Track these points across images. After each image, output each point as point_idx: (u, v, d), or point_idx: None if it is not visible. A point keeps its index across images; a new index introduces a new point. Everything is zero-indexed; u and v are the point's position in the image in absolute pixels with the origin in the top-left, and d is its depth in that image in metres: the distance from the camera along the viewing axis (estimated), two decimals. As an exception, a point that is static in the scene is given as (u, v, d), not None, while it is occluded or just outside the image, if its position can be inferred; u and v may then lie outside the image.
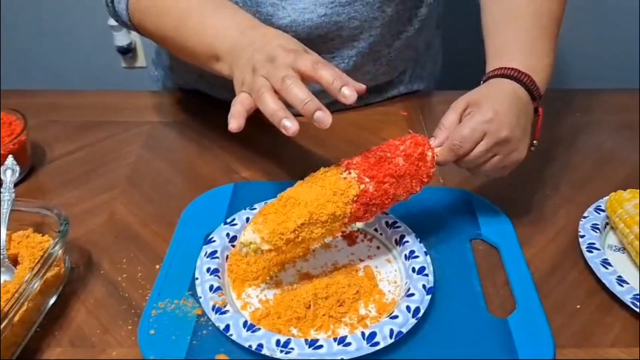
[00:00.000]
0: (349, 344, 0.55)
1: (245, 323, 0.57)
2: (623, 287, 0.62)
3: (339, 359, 0.54)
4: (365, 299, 0.62)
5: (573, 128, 0.93)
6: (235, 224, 0.69)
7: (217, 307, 0.59)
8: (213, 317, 0.58)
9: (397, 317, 0.57)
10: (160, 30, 0.78)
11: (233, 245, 0.68)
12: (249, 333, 0.56)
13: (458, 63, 1.18)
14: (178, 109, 0.97)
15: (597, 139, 0.91)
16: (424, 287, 0.61)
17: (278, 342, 0.55)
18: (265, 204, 0.60)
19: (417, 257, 0.64)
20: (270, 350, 0.54)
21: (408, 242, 0.67)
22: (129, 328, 0.60)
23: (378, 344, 0.55)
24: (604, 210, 0.72)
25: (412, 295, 0.60)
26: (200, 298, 0.60)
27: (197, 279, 0.62)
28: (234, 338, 0.56)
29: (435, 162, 0.64)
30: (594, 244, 0.67)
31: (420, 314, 0.58)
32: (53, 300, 0.62)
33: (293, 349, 0.54)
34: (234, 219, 0.70)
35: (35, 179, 0.82)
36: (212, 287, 0.61)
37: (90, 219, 0.74)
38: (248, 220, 0.69)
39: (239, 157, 0.86)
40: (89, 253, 0.69)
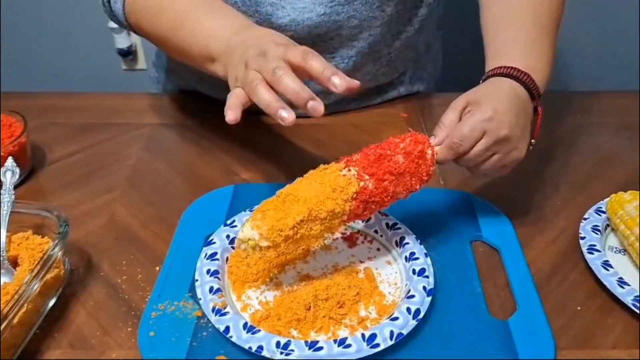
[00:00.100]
0: (349, 346, 0.55)
1: (245, 325, 0.57)
2: (624, 288, 0.62)
3: (339, 361, 0.54)
4: (366, 301, 0.61)
5: (573, 129, 0.93)
6: (236, 226, 0.69)
7: (217, 308, 0.58)
8: (213, 318, 0.58)
9: (397, 318, 0.57)
10: (157, 31, 0.78)
11: (233, 247, 0.67)
12: (249, 335, 0.56)
13: (458, 64, 1.18)
14: (178, 111, 0.97)
15: (597, 141, 0.90)
16: (425, 288, 0.61)
17: (278, 343, 0.55)
18: (264, 201, 0.59)
19: (417, 258, 0.64)
20: (270, 352, 0.54)
21: (408, 243, 0.67)
22: (129, 330, 0.60)
23: (378, 346, 0.55)
24: (605, 212, 0.71)
25: (412, 297, 0.60)
26: (200, 300, 0.60)
27: (197, 281, 0.62)
28: (234, 340, 0.56)
29: (435, 160, 0.64)
30: (595, 246, 0.67)
31: (421, 316, 0.58)
32: (53, 302, 0.62)
33: (293, 351, 0.54)
34: (234, 221, 0.70)
35: (35, 181, 0.82)
36: (212, 288, 0.61)
37: (90, 221, 0.74)
38: (248, 222, 0.69)
39: (239, 158, 0.86)
40: (89, 255, 0.69)
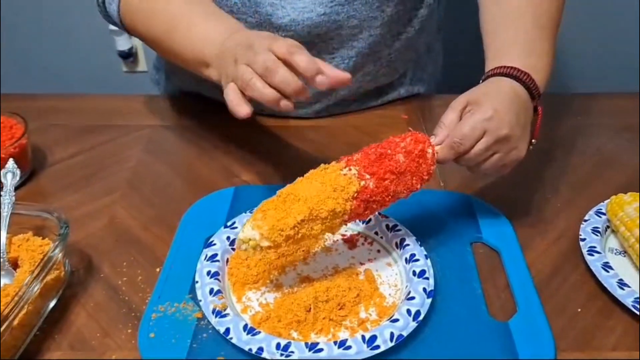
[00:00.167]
0: (350, 348, 0.55)
1: (246, 326, 0.57)
2: (624, 290, 0.62)
3: (340, 363, 0.54)
4: (366, 303, 0.61)
5: (574, 131, 0.93)
6: (236, 227, 0.69)
7: (217, 310, 0.58)
8: (213, 320, 0.58)
9: (397, 320, 0.57)
10: (151, 34, 0.79)
11: (233, 249, 0.68)
12: (249, 336, 0.56)
13: (458, 66, 1.18)
14: (179, 113, 0.97)
15: (597, 142, 0.90)
16: (425, 290, 0.61)
17: (278, 345, 0.55)
18: (264, 201, 0.59)
19: (417, 260, 0.64)
20: (271, 354, 0.54)
21: (409, 245, 0.67)
22: (129, 331, 0.60)
23: (378, 348, 0.55)
24: (605, 214, 0.71)
25: (412, 299, 0.60)
26: (201, 301, 0.60)
27: (197, 282, 0.62)
28: (234, 341, 0.56)
29: (436, 160, 0.64)
30: (595, 247, 0.67)
31: (421, 318, 0.58)
32: (53, 304, 0.62)
33: (293, 353, 0.54)
34: (235, 223, 0.70)
35: (36, 183, 0.82)
36: (212, 290, 0.61)
37: (91, 223, 0.74)
38: (248, 224, 0.69)
39: (240, 160, 0.86)
40: (89, 256, 0.69)
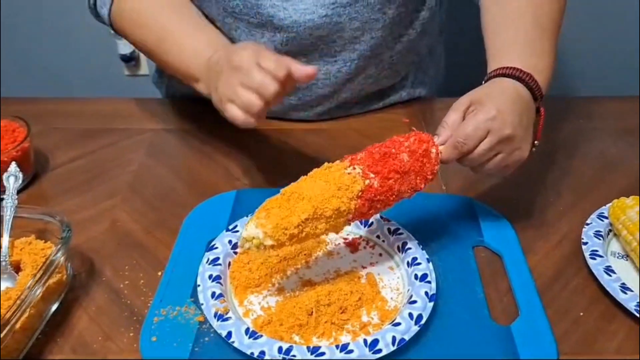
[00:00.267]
0: (351, 351, 0.55)
1: (247, 330, 0.57)
2: (626, 294, 0.62)
3: (341, 366, 0.54)
4: (368, 306, 0.61)
5: (576, 134, 0.93)
6: (237, 231, 0.69)
7: (219, 314, 0.58)
8: (215, 324, 0.58)
9: (399, 324, 0.57)
10: (141, 42, 0.83)
11: (235, 252, 0.68)
12: (251, 340, 0.56)
13: (460, 70, 1.18)
14: (181, 117, 0.97)
15: (600, 146, 0.90)
16: (427, 294, 0.60)
17: (280, 349, 0.55)
18: (268, 199, 0.59)
19: (419, 264, 0.64)
20: (272, 358, 0.54)
21: (410, 249, 0.67)
22: (131, 335, 0.60)
23: (380, 351, 0.55)
24: (607, 217, 0.71)
25: (414, 303, 0.59)
26: (202, 305, 0.60)
27: (199, 286, 0.62)
28: (236, 345, 0.56)
29: (439, 159, 0.64)
30: (597, 251, 0.67)
31: (423, 321, 0.58)
32: (55, 307, 0.62)
33: (295, 356, 0.54)
34: (236, 226, 0.70)
35: (38, 186, 0.82)
36: (214, 294, 0.61)
37: (93, 226, 0.74)
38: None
39: (241, 163, 0.86)
40: (91, 260, 0.69)
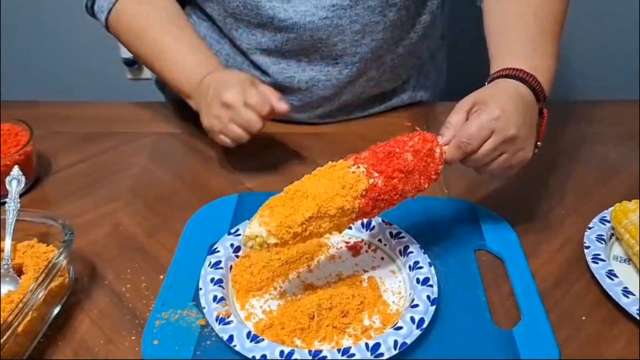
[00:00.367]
0: (353, 355, 0.55)
1: (249, 334, 0.57)
2: (629, 298, 0.62)
3: (343, 370, 0.54)
4: (370, 310, 0.61)
5: (577, 139, 0.93)
6: (240, 235, 0.69)
7: (220, 317, 0.58)
8: (217, 327, 0.58)
9: (401, 328, 0.57)
10: (136, 52, 0.89)
11: (237, 256, 0.68)
12: (253, 344, 0.56)
13: (463, 75, 1.18)
14: (183, 120, 0.97)
15: (601, 150, 0.90)
16: (429, 298, 0.60)
17: (282, 353, 0.55)
18: (271, 197, 0.58)
19: (421, 267, 0.64)
20: (274, 361, 0.54)
21: (412, 252, 0.66)
22: (133, 338, 0.60)
23: (382, 355, 0.55)
24: (609, 221, 0.71)
25: (416, 306, 0.59)
26: (204, 308, 0.60)
27: (200, 289, 0.62)
28: (238, 349, 0.56)
29: (443, 160, 0.63)
30: (599, 255, 0.67)
31: (425, 325, 0.58)
32: (57, 311, 0.62)
33: (297, 360, 0.54)
34: (238, 230, 0.70)
35: (41, 190, 0.82)
36: (215, 297, 0.61)
37: (95, 230, 0.74)
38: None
39: (243, 167, 0.86)
40: (93, 263, 0.69)
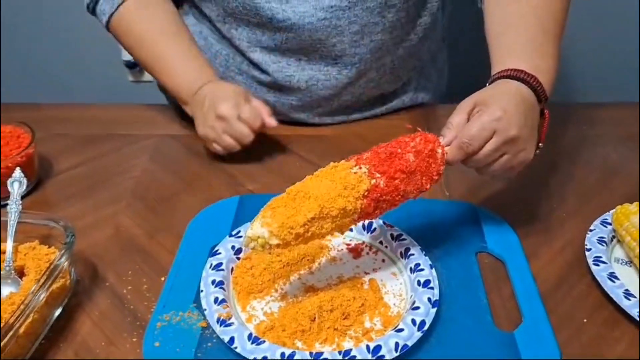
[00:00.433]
0: (354, 357, 0.55)
1: (250, 336, 0.57)
2: (630, 300, 0.62)
3: (344, 372, 0.54)
4: (371, 312, 0.61)
5: (579, 141, 0.93)
6: (241, 236, 0.69)
7: (221, 319, 0.58)
8: (218, 329, 0.58)
9: (402, 330, 0.57)
10: (135, 55, 0.92)
11: (238, 258, 0.68)
12: (254, 346, 0.56)
13: (464, 78, 1.18)
14: (184, 123, 0.97)
15: (603, 152, 0.90)
16: (430, 300, 0.60)
17: (283, 355, 0.55)
18: (273, 198, 0.58)
19: (422, 270, 0.64)
20: (275, 363, 0.54)
21: (413, 255, 0.66)
22: (134, 340, 0.60)
23: (383, 357, 0.55)
24: (611, 223, 0.71)
25: (417, 309, 0.59)
26: (205, 310, 0.60)
27: (202, 291, 0.62)
28: (239, 351, 0.56)
29: (445, 160, 0.63)
30: (601, 257, 0.67)
31: (426, 327, 0.58)
32: (58, 312, 0.62)
33: (298, 362, 0.54)
34: (240, 231, 0.70)
35: (42, 192, 0.83)
36: (217, 299, 0.61)
37: (96, 232, 0.75)
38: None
39: (245, 169, 0.86)
40: (95, 265, 0.69)
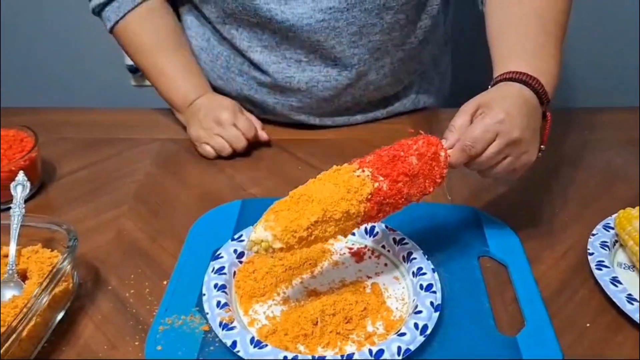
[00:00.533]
0: (357, 361, 0.55)
1: (252, 339, 0.57)
2: (633, 305, 0.61)
3: (346, 376, 0.54)
4: (373, 316, 0.61)
5: (580, 145, 0.93)
6: (243, 240, 0.69)
7: (224, 323, 0.58)
8: (220, 333, 0.58)
9: (404, 334, 0.57)
10: (136, 63, 0.97)
11: (240, 262, 0.68)
12: (256, 349, 0.56)
13: (468, 82, 1.18)
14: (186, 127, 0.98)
15: (605, 157, 0.90)
16: (432, 304, 0.60)
17: (285, 358, 0.55)
18: (276, 202, 0.58)
19: (424, 274, 0.64)
20: (277, 367, 0.54)
21: (416, 259, 0.66)
22: (136, 344, 0.60)
23: (386, 362, 0.55)
24: (613, 228, 0.71)
25: (419, 313, 0.59)
26: (208, 314, 0.60)
27: (204, 295, 0.62)
28: (241, 354, 0.56)
29: (447, 163, 0.63)
30: (603, 262, 0.67)
31: (428, 332, 0.58)
32: (61, 316, 0.62)
33: (300, 366, 0.54)
34: (242, 235, 0.70)
35: (45, 195, 0.83)
36: (219, 303, 0.61)
37: (99, 235, 0.75)
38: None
39: (247, 173, 0.87)
40: (97, 269, 0.69)
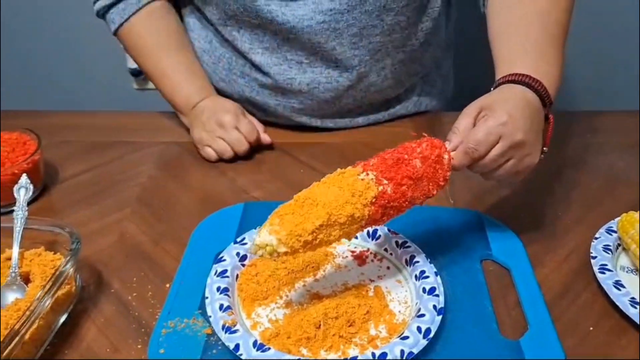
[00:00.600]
0: (359, 365, 0.54)
1: (255, 343, 0.57)
2: (636, 308, 0.61)
3: (349, 380, 0.54)
4: (376, 320, 0.61)
5: (583, 149, 0.93)
6: (246, 243, 0.69)
7: (226, 326, 0.58)
8: (223, 336, 0.58)
9: (407, 337, 0.57)
10: (140, 66, 0.98)
11: (243, 265, 0.68)
12: (259, 353, 0.55)
13: (471, 86, 1.18)
14: (189, 130, 0.98)
15: (607, 160, 0.90)
16: (435, 307, 0.60)
17: (288, 362, 0.55)
18: (281, 205, 0.58)
19: (427, 277, 0.64)
20: (280, 370, 0.54)
21: (418, 262, 0.66)
22: (139, 347, 0.60)
23: (388, 365, 0.55)
24: (616, 231, 0.71)
25: (422, 316, 0.59)
26: (210, 317, 0.60)
27: (207, 298, 0.62)
28: (244, 358, 0.56)
29: (451, 166, 0.63)
30: (606, 265, 0.67)
31: (431, 335, 0.58)
32: (63, 319, 0.62)
33: (303, 369, 0.54)
34: (244, 238, 0.70)
35: (48, 198, 0.83)
36: (222, 306, 0.61)
37: (102, 238, 0.75)
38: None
39: (249, 177, 0.87)
40: (100, 272, 0.69)
